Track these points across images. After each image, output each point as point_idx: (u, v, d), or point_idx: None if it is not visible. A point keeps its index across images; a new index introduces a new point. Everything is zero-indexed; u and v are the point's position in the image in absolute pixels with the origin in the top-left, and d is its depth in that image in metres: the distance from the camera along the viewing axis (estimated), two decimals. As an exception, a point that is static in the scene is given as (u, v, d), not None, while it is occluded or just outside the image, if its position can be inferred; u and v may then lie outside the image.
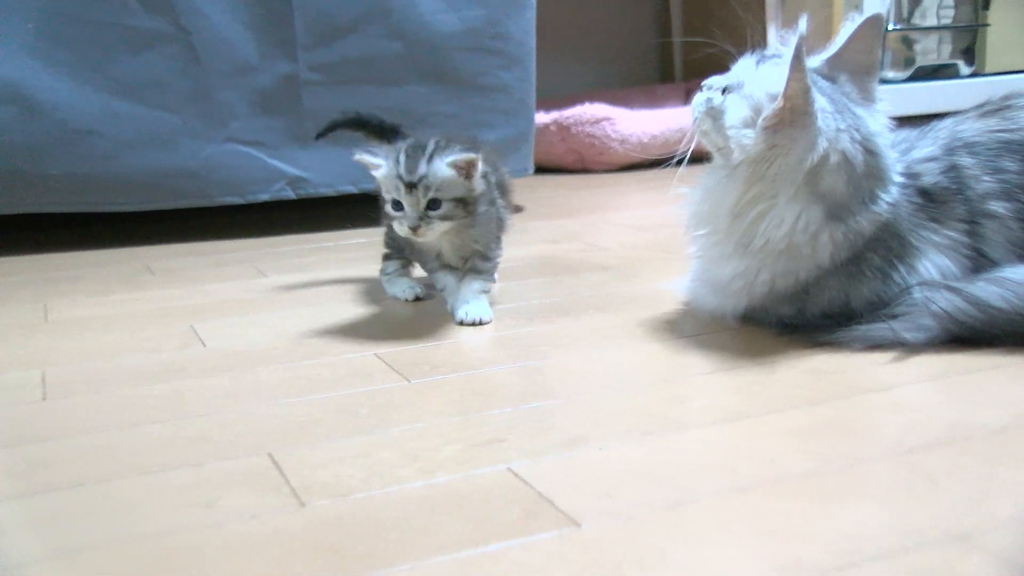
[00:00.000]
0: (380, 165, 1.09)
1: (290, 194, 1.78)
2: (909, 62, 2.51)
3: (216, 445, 0.78)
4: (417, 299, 1.24)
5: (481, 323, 1.12)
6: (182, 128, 1.70)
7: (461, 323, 1.12)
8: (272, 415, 0.85)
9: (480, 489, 0.68)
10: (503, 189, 1.22)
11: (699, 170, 1.07)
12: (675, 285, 1.18)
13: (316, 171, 1.78)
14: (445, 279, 1.18)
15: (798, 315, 1.01)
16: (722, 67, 1.05)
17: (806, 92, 0.91)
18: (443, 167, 1.06)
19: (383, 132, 1.26)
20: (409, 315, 1.18)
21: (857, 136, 0.94)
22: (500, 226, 1.19)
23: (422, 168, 1.05)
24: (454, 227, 1.10)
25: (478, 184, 1.09)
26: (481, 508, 0.65)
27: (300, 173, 1.77)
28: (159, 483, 0.71)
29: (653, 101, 2.83)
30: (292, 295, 1.31)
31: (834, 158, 0.93)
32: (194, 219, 1.92)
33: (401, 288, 1.25)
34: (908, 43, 2.53)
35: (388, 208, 1.10)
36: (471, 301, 1.14)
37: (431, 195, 1.06)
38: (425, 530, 0.63)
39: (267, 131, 1.75)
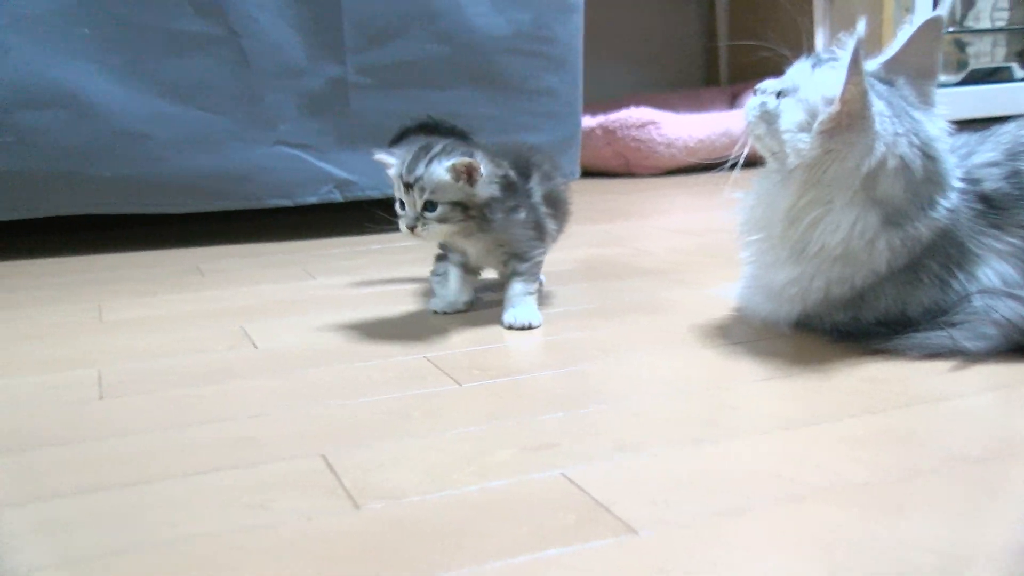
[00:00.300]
0: (392, 165, 1.10)
1: (338, 197, 1.79)
2: (962, 65, 2.48)
3: (269, 446, 0.78)
4: (457, 312, 1.20)
5: (530, 327, 1.11)
6: (231, 130, 1.72)
7: (510, 327, 1.12)
8: (324, 416, 0.85)
9: (535, 494, 0.68)
10: (552, 200, 1.20)
11: (752, 174, 1.06)
12: (726, 291, 1.17)
13: (364, 174, 1.78)
14: (452, 272, 1.19)
15: (853, 322, 0.99)
16: (768, 71, 1.04)
17: (863, 96, 0.89)
18: (440, 171, 1.07)
19: (453, 137, 1.26)
20: (457, 318, 1.18)
21: (916, 140, 0.93)
22: (540, 231, 1.18)
23: (419, 170, 1.07)
24: (460, 230, 1.10)
25: (482, 190, 1.09)
26: (536, 513, 0.65)
27: (348, 176, 1.78)
28: (213, 483, 0.72)
29: (698, 105, 2.81)
30: (341, 297, 1.32)
31: (892, 163, 0.91)
32: (242, 221, 1.94)
33: (437, 302, 1.21)
34: (960, 46, 2.49)
35: (396, 207, 1.11)
36: (517, 305, 1.13)
37: (426, 197, 1.07)
38: (481, 535, 0.62)
39: (315, 134, 1.76)
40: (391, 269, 1.48)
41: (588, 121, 2.47)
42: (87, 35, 1.62)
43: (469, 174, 1.07)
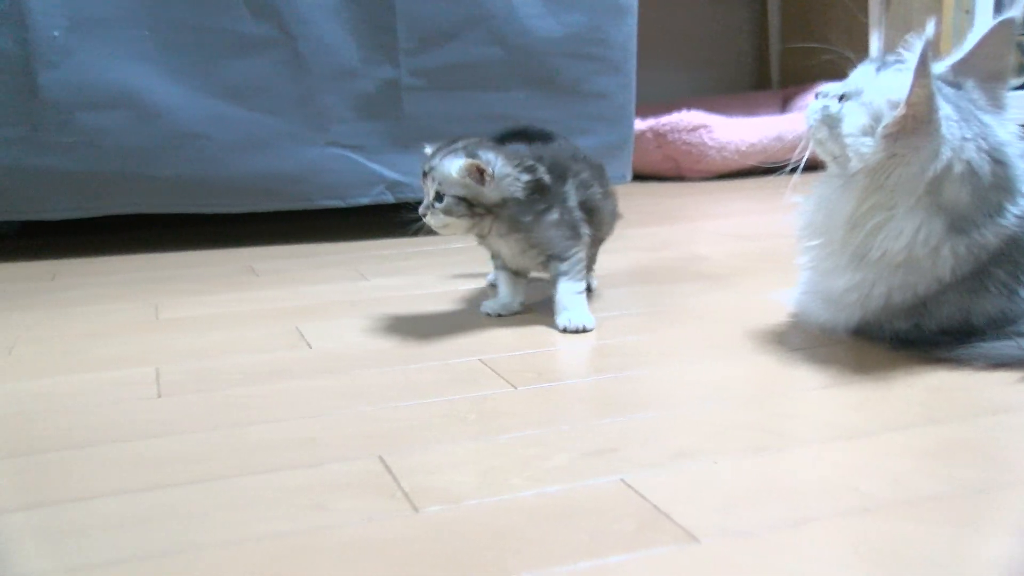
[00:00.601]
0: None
1: (389, 198, 1.79)
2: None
3: (326, 447, 0.79)
4: (511, 314, 1.21)
5: (584, 330, 1.11)
6: (286, 132, 1.73)
7: (564, 330, 1.11)
8: (380, 418, 0.85)
9: (594, 500, 0.67)
10: (587, 208, 1.19)
11: (812, 179, 1.04)
12: (783, 296, 1.15)
13: (415, 176, 1.79)
14: (500, 277, 1.22)
15: (914, 330, 0.97)
16: (820, 74, 1.03)
17: (930, 99, 0.87)
18: (448, 165, 1.10)
19: (544, 140, 1.29)
20: (511, 320, 1.18)
21: (984, 145, 0.91)
22: (575, 231, 1.17)
23: (434, 161, 1.12)
24: (470, 225, 1.13)
25: (491, 191, 1.11)
26: (596, 519, 0.64)
27: (399, 177, 1.79)
28: (271, 484, 0.72)
29: (750, 109, 2.79)
30: (394, 298, 1.32)
31: (958, 168, 0.89)
32: (295, 221, 1.95)
33: (488, 304, 1.22)
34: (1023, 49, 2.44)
35: None
36: (570, 308, 1.13)
37: (436, 187, 1.11)
38: (540, 540, 0.62)
39: (368, 135, 1.77)
40: (444, 271, 1.48)
41: (639, 124, 2.46)
42: (147, 37, 1.64)
43: (479, 174, 1.10)
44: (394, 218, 1.91)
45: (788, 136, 2.45)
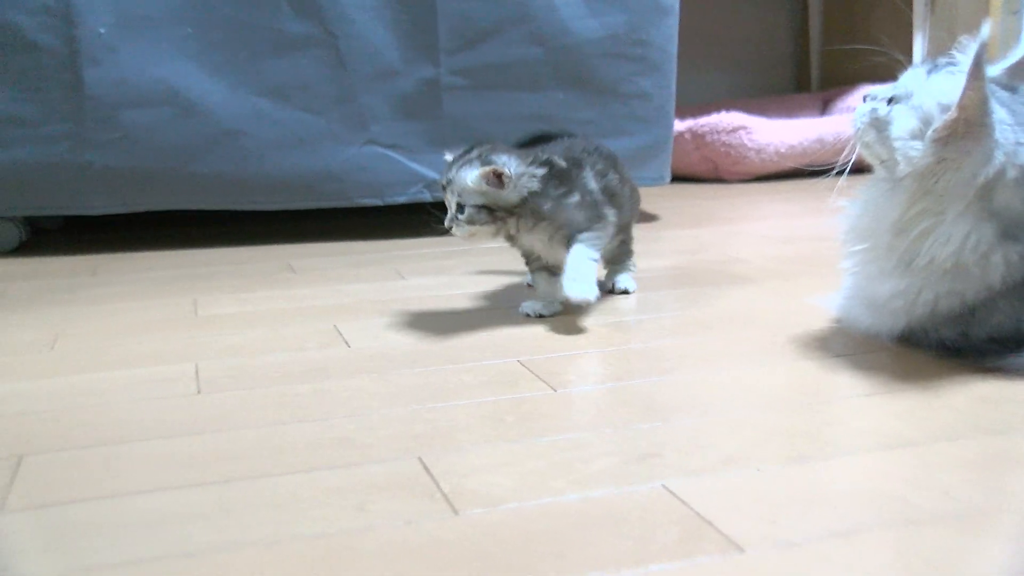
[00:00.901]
0: None
1: (427, 197, 1.79)
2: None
3: (364, 447, 0.78)
4: (540, 316, 1.20)
5: (587, 303, 1.12)
6: (325, 130, 1.73)
7: (566, 299, 1.13)
8: (418, 419, 0.84)
9: (636, 506, 0.66)
10: (610, 193, 1.22)
11: (858, 182, 1.03)
12: (825, 301, 1.14)
13: (453, 175, 1.79)
14: (537, 278, 1.23)
15: (961, 338, 0.95)
16: (861, 77, 1.01)
17: (983, 102, 0.86)
18: (465, 176, 1.11)
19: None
20: (550, 322, 1.17)
21: (1040, 150, 0.89)
22: (597, 212, 1.18)
23: (451, 173, 1.13)
24: (494, 230, 1.15)
25: (510, 194, 1.12)
26: (638, 526, 0.63)
27: (438, 176, 1.78)
28: (310, 483, 0.71)
29: (789, 111, 2.76)
30: (431, 298, 1.32)
31: (1012, 173, 0.88)
32: (333, 219, 1.95)
33: (528, 305, 1.21)
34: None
35: None
36: (576, 274, 1.12)
37: (456, 199, 1.13)
38: (581, 546, 0.61)
39: (407, 134, 1.77)
40: (481, 270, 1.47)
41: (677, 125, 2.44)
42: (190, 35, 1.65)
43: (497, 178, 1.11)
44: (432, 217, 1.91)
45: (828, 139, 2.43)
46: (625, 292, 1.29)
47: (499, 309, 1.24)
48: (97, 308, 1.30)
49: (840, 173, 1.00)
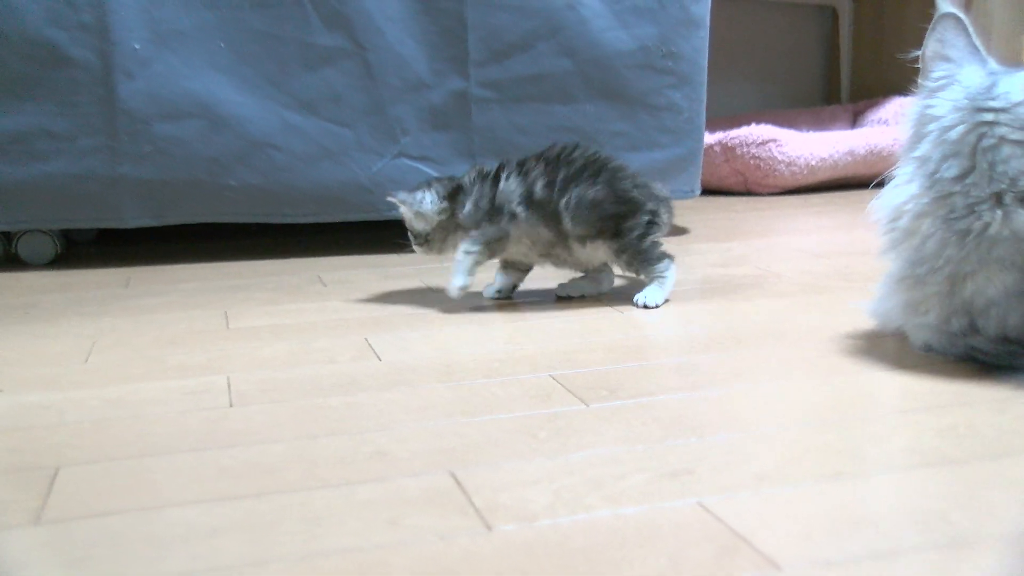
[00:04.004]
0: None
1: (456, 210, 1.79)
2: None
3: (396, 461, 0.78)
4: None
5: (450, 292, 1.32)
6: (355, 142, 1.74)
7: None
8: (450, 433, 0.84)
9: (670, 523, 0.65)
10: (530, 200, 1.33)
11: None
12: (866, 310, 1.12)
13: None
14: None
15: (1007, 353, 0.94)
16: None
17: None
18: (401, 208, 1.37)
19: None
20: (582, 336, 1.16)
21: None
22: (486, 215, 1.33)
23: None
24: (428, 249, 1.38)
25: (418, 225, 1.36)
26: (673, 543, 0.63)
27: (467, 189, 1.78)
28: (342, 497, 0.71)
29: (819, 123, 2.75)
30: (462, 311, 1.31)
31: None
32: (363, 232, 1.96)
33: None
34: None
35: None
36: (453, 271, 1.33)
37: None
38: (616, 563, 0.60)
39: (436, 147, 1.77)
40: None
41: (707, 138, 2.43)
42: (221, 49, 1.66)
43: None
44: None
45: (860, 151, 2.41)
46: (645, 307, 1.29)
47: (530, 322, 1.24)
48: (130, 320, 1.31)
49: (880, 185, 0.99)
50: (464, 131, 1.77)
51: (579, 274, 1.38)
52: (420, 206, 1.35)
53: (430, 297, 1.41)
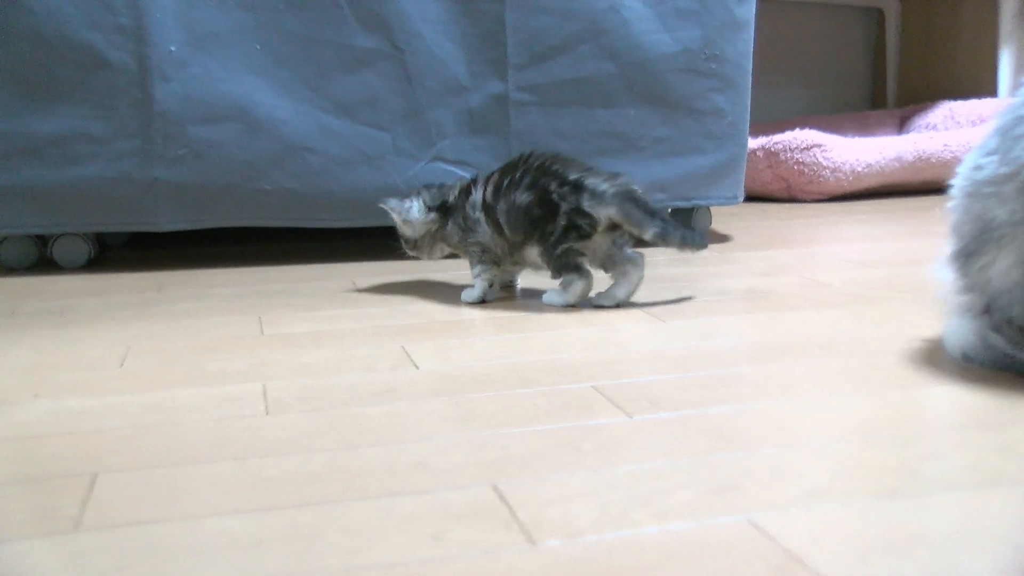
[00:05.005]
0: None
1: (494, 215, 1.77)
2: None
3: (438, 473, 0.76)
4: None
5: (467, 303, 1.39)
6: (392, 146, 1.73)
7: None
8: (492, 444, 0.82)
9: (720, 540, 0.63)
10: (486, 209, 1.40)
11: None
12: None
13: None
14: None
15: None
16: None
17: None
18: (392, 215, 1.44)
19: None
20: (623, 345, 1.14)
21: None
22: (467, 232, 1.41)
23: None
24: (419, 254, 1.47)
25: (407, 231, 1.45)
26: (724, 562, 0.60)
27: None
28: (384, 510, 0.69)
29: (865, 128, 2.70)
30: (501, 318, 1.30)
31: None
32: (398, 238, 1.94)
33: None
34: None
35: None
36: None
37: None
38: (667, 584, 0.58)
39: (473, 151, 1.76)
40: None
41: (750, 143, 2.40)
42: (258, 51, 1.66)
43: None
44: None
45: (908, 157, 2.36)
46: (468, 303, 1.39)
47: (569, 331, 1.22)
48: (164, 325, 1.30)
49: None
50: (502, 135, 1.75)
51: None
52: (408, 214, 1.43)
53: (466, 305, 1.40)
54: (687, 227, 1.29)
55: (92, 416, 0.92)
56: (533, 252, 1.34)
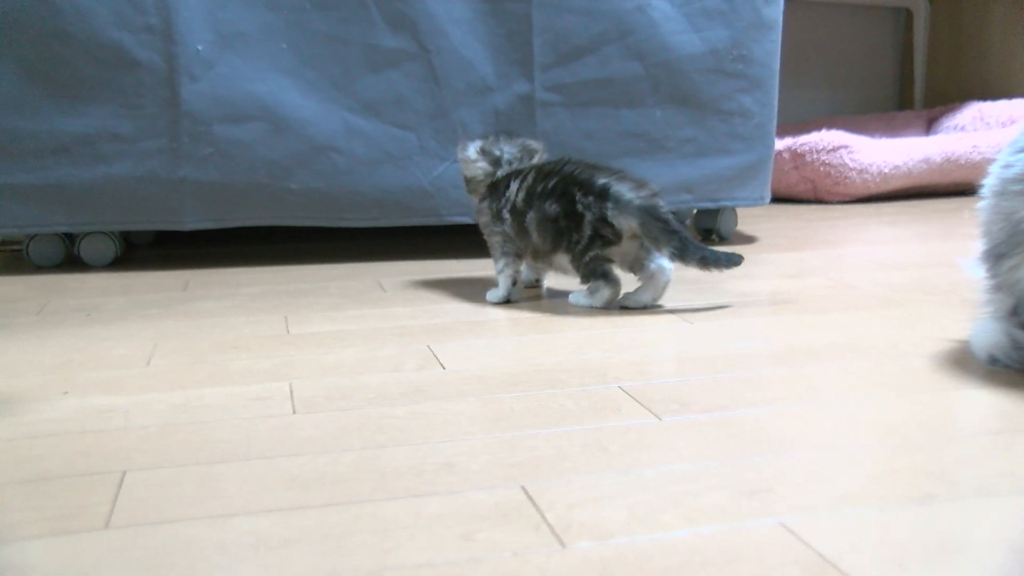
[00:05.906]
0: None
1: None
2: None
3: (466, 474, 0.76)
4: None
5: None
6: (417, 146, 1.73)
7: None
8: (519, 445, 0.82)
9: (752, 543, 0.62)
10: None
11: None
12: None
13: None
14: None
15: None
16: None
17: None
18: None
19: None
20: (650, 347, 1.13)
21: None
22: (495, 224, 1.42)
23: None
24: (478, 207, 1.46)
25: (464, 170, 1.46)
26: (755, 566, 0.60)
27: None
28: (413, 510, 0.69)
29: (892, 129, 2.68)
30: (527, 319, 1.29)
31: None
32: (423, 237, 1.94)
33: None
34: None
35: None
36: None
37: None
38: (699, 588, 0.57)
39: (500, 151, 1.75)
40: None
41: (776, 144, 2.38)
42: (284, 50, 1.66)
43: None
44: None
45: (936, 159, 2.34)
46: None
47: (596, 332, 1.21)
48: (190, 324, 1.31)
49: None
50: (529, 135, 1.74)
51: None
52: (463, 152, 1.45)
53: (491, 305, 1.39)
54: (709, 248, 1.27)
55: (119, 414, 0.92)
56: (563, 260, 1.34)
